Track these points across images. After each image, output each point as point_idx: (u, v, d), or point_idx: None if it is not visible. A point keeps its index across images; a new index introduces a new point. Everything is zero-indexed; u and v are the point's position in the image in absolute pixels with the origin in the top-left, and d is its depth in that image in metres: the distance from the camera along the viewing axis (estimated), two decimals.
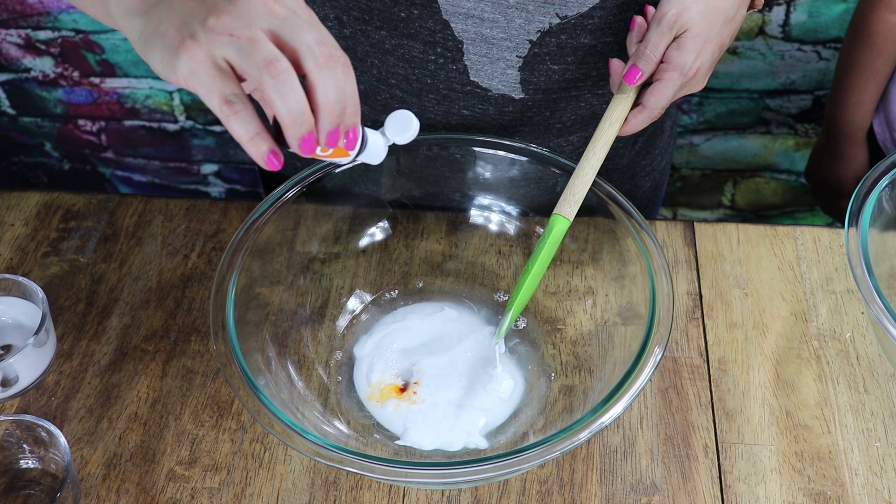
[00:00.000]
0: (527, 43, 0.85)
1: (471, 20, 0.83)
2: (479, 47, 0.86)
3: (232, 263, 0.77)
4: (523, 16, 0.83)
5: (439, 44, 0.85)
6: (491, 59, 0.87)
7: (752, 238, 0.95)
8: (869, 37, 1.21)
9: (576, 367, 0.81)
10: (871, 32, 1.20)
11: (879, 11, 1.18)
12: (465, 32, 0.84)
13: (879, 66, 1.22)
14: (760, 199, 1.77)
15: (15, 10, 1.57)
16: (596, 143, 0.80)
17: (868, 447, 0.80)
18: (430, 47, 0.86)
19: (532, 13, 0.83)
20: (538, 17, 0.84)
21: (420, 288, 0.89)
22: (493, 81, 0.88)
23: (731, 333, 0.87)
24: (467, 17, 0.83)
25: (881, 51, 1.21)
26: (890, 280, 0.84)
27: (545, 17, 0.84)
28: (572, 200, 0.79)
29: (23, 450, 0.77)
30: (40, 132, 1.78)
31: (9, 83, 1.70)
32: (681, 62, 0.77)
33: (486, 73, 0.88)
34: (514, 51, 0.86)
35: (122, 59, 1.63)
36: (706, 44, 0.78)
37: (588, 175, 0.79)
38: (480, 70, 0.87)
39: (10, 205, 0.99)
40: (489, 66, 0.87)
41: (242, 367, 0.71)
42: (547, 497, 0.77)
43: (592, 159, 0.80)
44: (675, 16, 0.77)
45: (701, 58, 0.78)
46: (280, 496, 0.77)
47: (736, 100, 1.61)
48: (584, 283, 0.86)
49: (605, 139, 0.80)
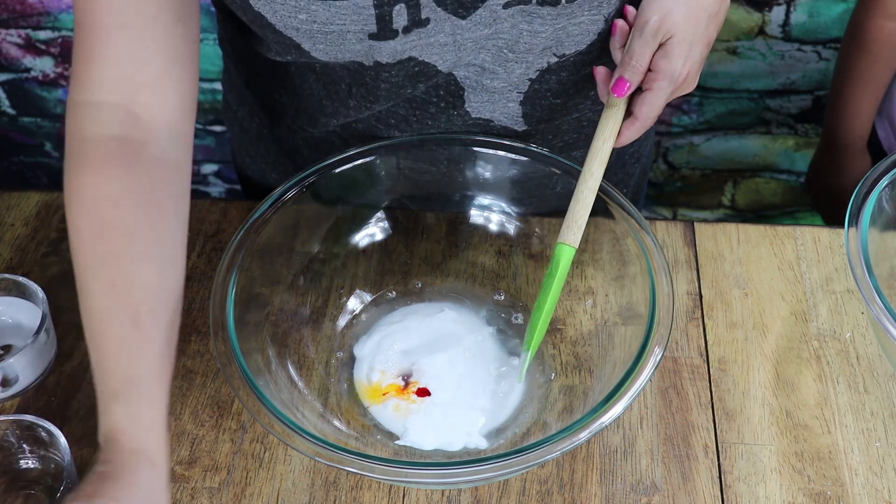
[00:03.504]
0: (527, 82, 0.84)
1: (472, 68, 0.82)
2: (480, 95, 0.85)
3: (232, 263, 0.77)
4: (523, 66, 0.82)
5: (442, 87, 0.84)
6: (492, 101, 0.86)
7: (752, 238, 0.95)
8: (866, 43, 1.20)
9: (576, 367, 0.81)
10: (869, 39, 1.20)
11: (876, 18, 1.18)
12: (467, 79, 0.83)
13: (877, 73, 1.22)
14: (760, 199, 1.77)
15: (15, 10, 1.57)
16: (592, 162, 0.78)
17: (868, 447, 0.80)
18: (433, 90, 0.84)
19: (531, 63, 0.82)
20: (536, 62, 0.82)
21: (420, 288, 0.89)
22: (496, 114, 0.87)
23: (731, 333, 0.87)
24: (468, 66, 0.82)
25: (878, 57, 1.20)
26: (890, 280, 0.84)
27: (543, 59, 0.82)
28: (575, 227, 0.77)
29: (23, 450, 0.77)
30: (40, 132, 1.78)
31: (9, 83, 1.69)
32: (669, 70, 0.75)
33: (488, 110, 0.87)
34: (514, 89, 0.85)
35: None
36: (693, 46, 0.76)
37: (587, 198, 0.78)
38: (482, 109, 0.86)
39: (10, 205, 0.99)
40: (490, 106, 0.86)
41: (242, 367, 0.71)
42: (547, 497, 0.77)
43: (590, 181, 0.78)
44: (658, 22, 0.75)
45: (690, 61, 0.76)
46: (280, 496, 0.77)
47: (736, 100, 1.61)
48: (584, 283, 0.86)
49: (601, 158, 0.78)
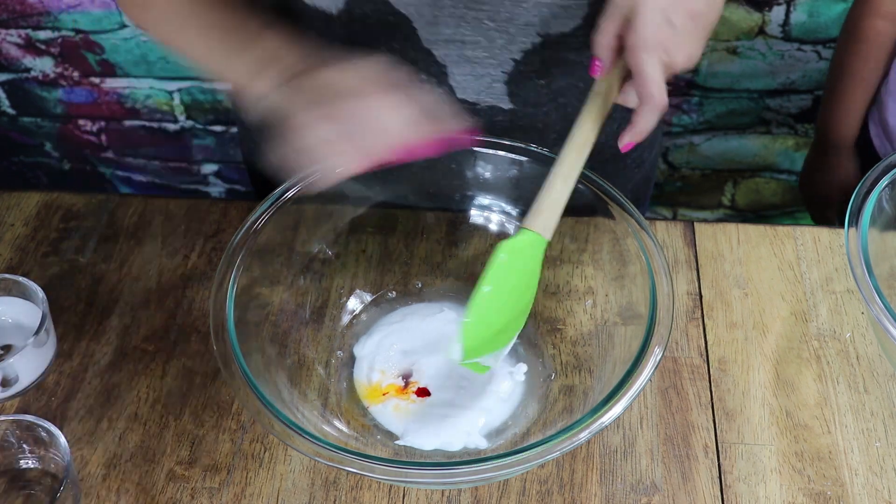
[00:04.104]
0: (511, 62, 0.84)
1: (452, 45, 0.82)
2: (463, 68, 0.85)
3: (232, 263, 0.77)
4: (504, 37, 0.82)
5: (422, 70, 0.84)
6: (476, 77, 0.86)
7: (752, 238, 0.95)
8: (858, 42, 1.21)
9: (576, 367, 0.81)
10: (861, 38, 1.20)
11: (869, 17, 1.18)
12: (448, 56, 0.83)
13: (867, 73, 1.22)
14: (760, 199, 1.77)
15: (15, 10, 1.57)
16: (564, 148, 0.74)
17: (868, 447, 0.80)
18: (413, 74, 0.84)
19: (513, 35, 0.82)
20: (520, 38, 0.82)
21: (420, 288, 0.89)
22: (481, 95, 0.87)
23: (731, 333, 0.87)
24: (448, 43, 0.82)
25: (869, 56, 1.21)
26: (890, 280, 0.84)
27: (527, 38, 0.82)
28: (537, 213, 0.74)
29: (23, 450, 0.77)
30: (40, 132, 1.78)
31: (9, 83, 1.70)
32: (640, 41, 0.68)
33: (473, 89, 0.87)
34: (498, 67, 0.85)
35: (122, 59, 1.63)
36: (670, 15, 0.68)
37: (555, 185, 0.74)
38: (467, 88, 0.86)
39: (10, 205, 0.99)
40: (475, 83, 0.86)
41: (242, 367, 0.71)
42: (547, 497, 0.77)
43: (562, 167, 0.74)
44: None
45: (667, 30, 0.68)
46: (280, 496, 0.77)
47: (736, 100, 1.61)
48: (584, 283, 0.86)
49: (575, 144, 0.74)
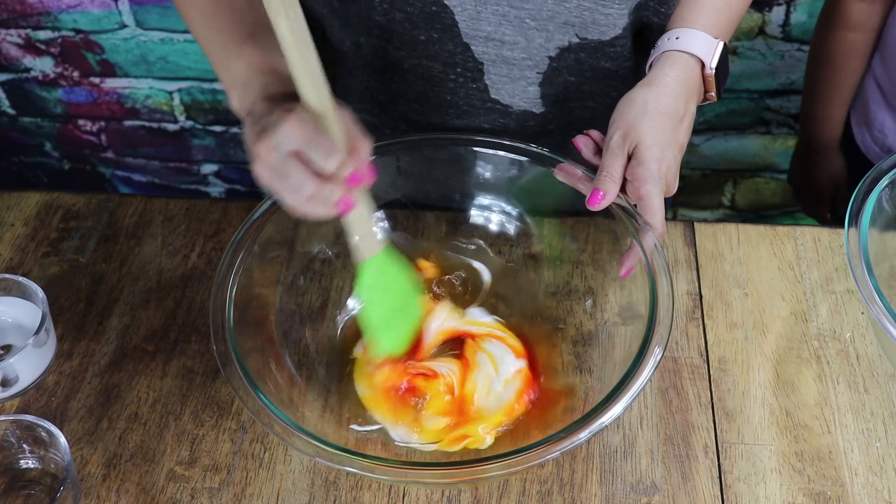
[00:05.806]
0: (546, 59, 0.85)
1: (491, 42, 0.83)
2: (500, 68, 0.86)
3: (232, 263, 0.77)
4: (543, 35, 0.83)
5: (459, 65, 0.85)
6: (511, 79, 0.86)
7: (752, 238, 0.95)
8: (828, 55, 1.21)
9: (576, 367, 0.81)
10: (829, 50, 1.20)
11: (837, 30, 1.18)
12: (486, 54, 0.84)
13: (841, 82, 1.22)
14: (760, 199, 1.77)
15: (15, 10, 1.57)
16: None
17: (868, 447, 0.80)
18: (449, 68, 0.86)
19: (552, 32, 0.83)
20: (558, 35, 0.83)
21: None
22: (514, 98, 0.88)
23: (731, 333, 0.87)
24: (488, 40, 0.83)
25: (840, 68, 1.21)
26: (890, 280, 0.84)
27: (565, 37, 0.83)
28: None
29: (23, 450, 0.77)
30: (40, 132, 1.78)
31: (9, 83, 1.70)
32: (648, 174, 0.76)
33: (507, 90, 0.87)
34: (533, 68, 0.86)
35: (122, 58, 1.63)
36: (665, 150, 0.78)
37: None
38: (501, 88, 0.87)
39: (10, 205, 0.99)
40: (510, 85, 0.87)
41: (242, 367, 0.71)
42: (547, 497, 0.77)
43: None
44: (622, 135, 0.77)
45: (664, 163, 0.78)
46: (280, 496, 0.77)
47: (736, 100, 1.61)
48: (584, 283, 0.86)
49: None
